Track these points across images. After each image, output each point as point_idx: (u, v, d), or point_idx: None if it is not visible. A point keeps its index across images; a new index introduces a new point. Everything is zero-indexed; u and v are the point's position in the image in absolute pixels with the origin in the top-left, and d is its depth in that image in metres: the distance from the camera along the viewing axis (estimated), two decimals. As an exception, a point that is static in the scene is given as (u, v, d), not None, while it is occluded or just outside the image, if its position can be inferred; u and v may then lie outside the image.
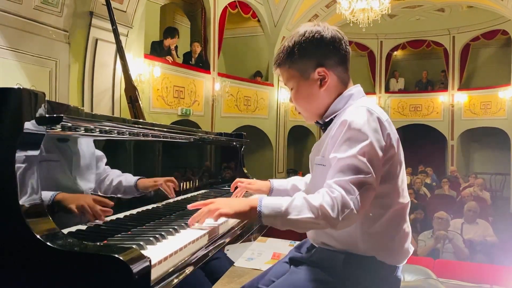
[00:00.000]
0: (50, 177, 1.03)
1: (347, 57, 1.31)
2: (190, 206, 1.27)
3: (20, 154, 0.85)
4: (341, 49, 1.29)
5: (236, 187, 1.74)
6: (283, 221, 1.11)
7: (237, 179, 1.74)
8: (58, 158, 1.08)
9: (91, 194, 1.19)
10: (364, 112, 1.17)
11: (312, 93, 1.29)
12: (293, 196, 1.14)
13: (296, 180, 1.68)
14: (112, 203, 1.22)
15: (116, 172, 1.29)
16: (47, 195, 1.01)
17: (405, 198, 1.28)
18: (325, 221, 1.08)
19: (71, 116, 0.97)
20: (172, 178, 1.61)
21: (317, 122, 1.37)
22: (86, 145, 1.19)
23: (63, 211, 1.05)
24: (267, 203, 1.13)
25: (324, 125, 1.33)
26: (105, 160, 1.24)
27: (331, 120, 1.29)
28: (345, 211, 1.07)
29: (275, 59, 1.34)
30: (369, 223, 1.22)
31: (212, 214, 1.17)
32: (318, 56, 1.27)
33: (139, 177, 1.41)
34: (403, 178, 1.27)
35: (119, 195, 1.31)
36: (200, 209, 1.22)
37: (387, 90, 12.76)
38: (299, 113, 1.38)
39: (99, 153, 1.24)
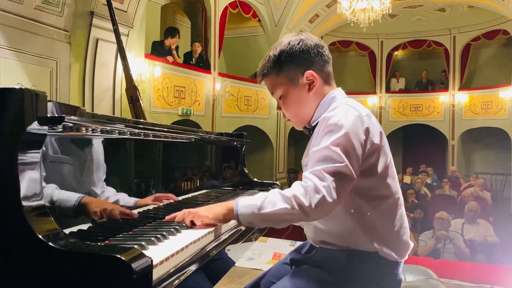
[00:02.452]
0: (60, 179, 1.03)
1: (329, 62, 1.37)
2: (167, 219, 1.31)
3: (22, 154, 0.85)
4: (324, 54, 1.35)
5: None
6: (260, 216, 1.15)
7: None
8: (71, 161, 1.09)
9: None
10: (342, 108, 1.22)
11: (302, 98, 1.33)
12: (268, 192, 1.17)
13: None
14: (136, 215, 1.26)
15: (112, 190, 1.29)
16: (73, 196, 1.04)
17: (397, 190, 1.30)
18: (299, 210, 1.10)
19: (72, 117, 0.97)
20: (169, 195, 1.62)
21: (305, 128, 1.41)
22: (98, 152, 1.20)
23: (86, 214, 1.08)
24: (244, 203, 1.18)
25: (312, 129, 1.36)
26: (104, 176, 1.24)
27: (317, 123, 1.32)
28: (317, 198, 1.09)
29: (260, 70, 1.37)
30: (366, 216, 1.23)
31: (191, 217, 1.24)
32: (305, 61, 1.32)
33: (137, 198, 1.41)
34: (392, 170, 1.29)
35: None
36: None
37: (388, 90, 12.74)
38: (289, 120, 1.42)
39: (103, 165, 1.24)
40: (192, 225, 1.27)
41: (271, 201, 1.14)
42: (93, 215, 1.11)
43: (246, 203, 1.17)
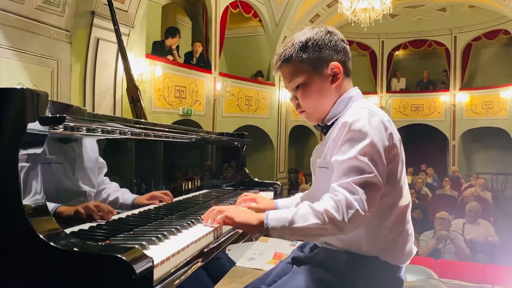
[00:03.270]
0: (52, 179, 1.03)
1: (350, 59, 1.34)
2: (204, 217, 1.31)
3: (23, 154, 0.85)
4: (348, 50, 1.33)
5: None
6: (291, 230, 1.11)
7: (244, 194, 1.70)
8: (61, 160, 1.08)
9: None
10: (365, 113, 1.17)
11: (324, 88, 1.29)
12: (298, 206, 1.14)
13: (299, 196, 1.66)
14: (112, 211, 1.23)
15: (113, 186, 1.29)
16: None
17: (407, 198, 1.28)
18: (332, 225, 1.07)
19: (74, 116, 0.97)
20: (167, 192, 1.59)
21: (318, 125, 1.36)
22: (91, 149, 1.19)
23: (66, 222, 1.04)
24: (274, 216, 1.14)
25: (326, 128, 1.33)
26: (105, 170, 1.24)
27: (333, 123, 1.29)
28: (350, 212, 1.07)
29: (281, 55, 1.30)
30: (373, 224, 1.21)
31: (220, 214, 1.22)
32: (331, 52, 1.28)
33: (135, 195, 1.40)
34: (404, 178, 1.27)
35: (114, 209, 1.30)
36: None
37: (389, 89, 12.74)
38: (301, 112, 1.35)
39: (101, 161, 1.23)
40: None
41: (302, 215, 1.10)
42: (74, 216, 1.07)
43: (277, 216, 1.14)
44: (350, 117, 1.18)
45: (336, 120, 1.28)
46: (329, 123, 1.30)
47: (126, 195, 1.36)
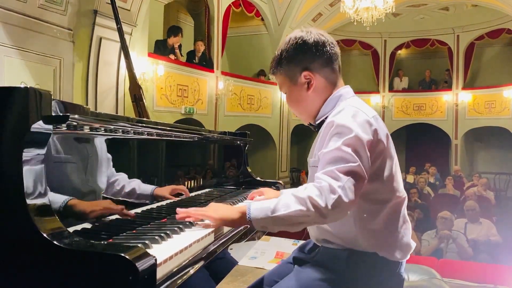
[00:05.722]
0: (65, 178, 1.04)
1: (332, 58, 1.34)
2: (178, 210, 1.28)
3: (26, 153, 0.85)
4: (325, 51, 1.32)
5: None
6: (273, 220, 1.11)
7: (253, 192, 1.72)
8: (74, 160, 1.09)
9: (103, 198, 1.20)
10: (349, 110, 1.21)
11: (301, 96, 1.34)
12: (281, 196, 1.16)
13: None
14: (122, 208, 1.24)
15: (125, 177, 1.29)
16: (59, 199, 1.00)
17: (401, 192, 1.29)
18: (315, 212, 1.08)
19: (76, 116, 0.98)
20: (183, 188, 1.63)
21: (310, 124, 1.41)
22: (100, 147, 1.20)
23: (75, 216, 1.05)
24: (256, 207, 1.15)
25: (317, 127, 1.36)
26: (111, 162, 1.25)
27: (323, 122, 1.31)
28: (333, 198, 1.07)
29: (269, 67, 1.40)
30: (368, 219, 1.23)
31: (199, 215, 1.23)
32: (303, 61, 1.32)
33: (154, 186, 1.42)
34: (397, 173, 1.28)
35: (129, 200, 1.31)
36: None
37: (391, 89, 12.71)
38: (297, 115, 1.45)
39: (107, 155, 1.24)
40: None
41: (285, 203, 1.10)
42: (85, 216, 1.08)
43: (259, 206, 1.14)
44: (335, 116, 1.22)
45: (326, 118, 1.30)
46: (318, 122, 1.34)
47: (142, 186, 1.37)
